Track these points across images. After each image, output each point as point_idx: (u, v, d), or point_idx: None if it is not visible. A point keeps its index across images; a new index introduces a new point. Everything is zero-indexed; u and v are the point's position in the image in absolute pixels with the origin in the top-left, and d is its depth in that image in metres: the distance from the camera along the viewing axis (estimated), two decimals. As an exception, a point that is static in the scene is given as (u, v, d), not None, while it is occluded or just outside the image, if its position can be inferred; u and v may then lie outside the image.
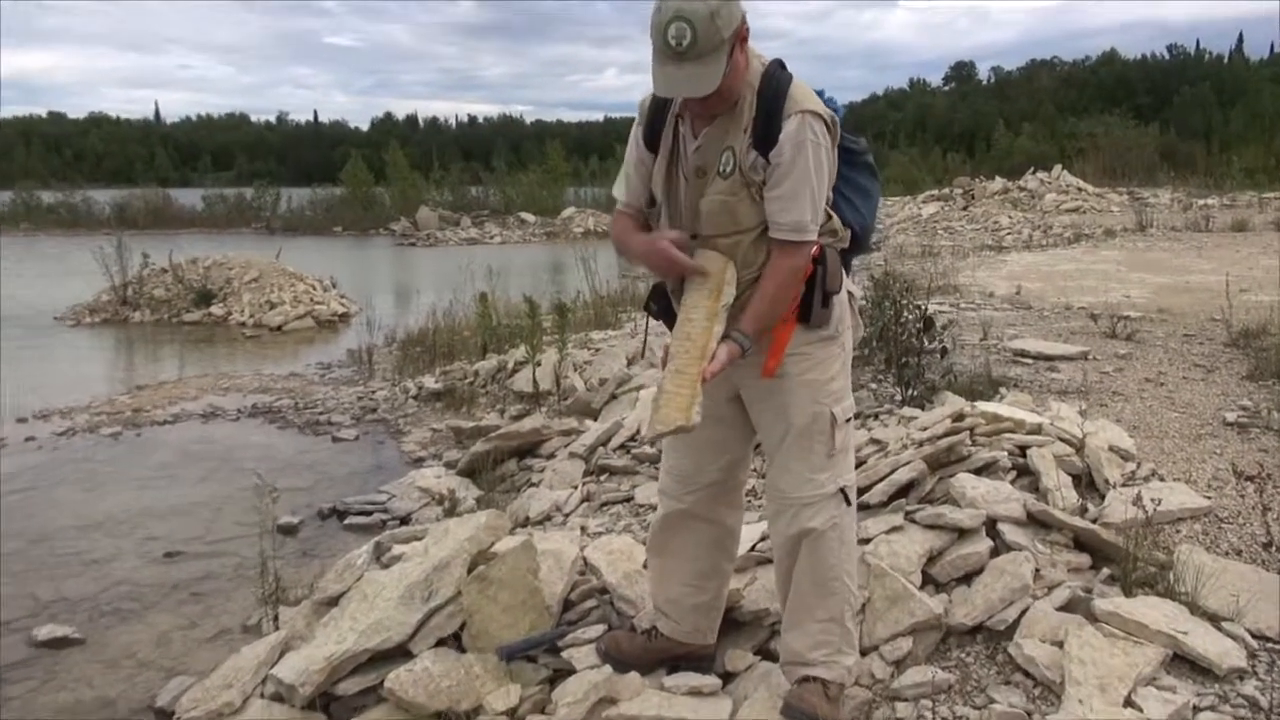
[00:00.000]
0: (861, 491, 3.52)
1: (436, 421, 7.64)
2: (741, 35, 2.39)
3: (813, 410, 2.61)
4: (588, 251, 11.98)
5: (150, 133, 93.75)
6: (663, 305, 2.71)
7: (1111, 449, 4.14)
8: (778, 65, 2.48)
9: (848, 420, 2.69)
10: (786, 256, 2.47)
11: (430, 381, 8.60)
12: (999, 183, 25.90)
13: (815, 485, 2.62)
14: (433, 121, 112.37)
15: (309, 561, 5.06)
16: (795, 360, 2.60)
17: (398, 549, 3.88)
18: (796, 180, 2.40)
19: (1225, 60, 72.45)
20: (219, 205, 36.30)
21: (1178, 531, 3.61)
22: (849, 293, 2.73)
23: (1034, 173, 26.49)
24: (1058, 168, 26.72)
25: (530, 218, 34.48)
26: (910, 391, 5.30)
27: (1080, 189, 24.43)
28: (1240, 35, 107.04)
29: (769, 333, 2.55)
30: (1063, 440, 4.08)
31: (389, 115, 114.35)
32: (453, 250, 26.75)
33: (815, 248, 2.52)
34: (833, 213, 2.57)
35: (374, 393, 8.79)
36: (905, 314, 5.54)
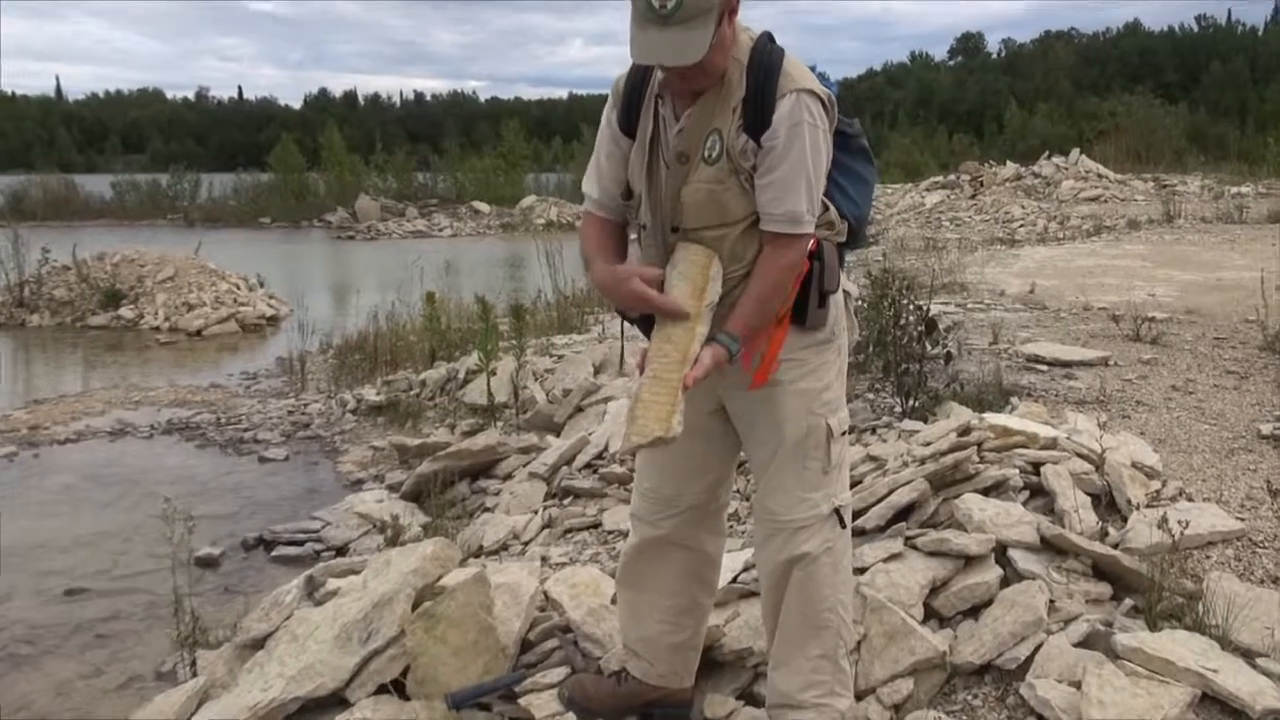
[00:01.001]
0: (857, 515, 3.54)
1: (378, 438, 7.61)
2: (732, 4, 2.40)
3: (807, 422, 2.63)
4: (550, 246, 11.98)
5: (50, 111, 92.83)
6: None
7: (1135, 466, 4.18)
8: (768, 38, 2.50)
9: (844, 433, 2.71)
10: (780, 251, 2.48)
11: (371, 393, 8.57)
12: (1010, 168, 26.18)
13: (809, 505, 2.64)
14: (374, 99, 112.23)
15: (231, 599, 5.02)
16: (788, 367, 2.61)
17: (333, 583, 3.86)
18: (792, 166, 2.41)
19: (1260, 33, 73.65)
20: (130, 194, 35.98)
21: (1208, 557, 3.65)
22: (844, 291, 2.75)
23: (1049, 157, 26.80)
24: (1076, 152, 27.04)
25: (485, 208, 34.43)
26: (911, 402, 5.33)
27: (1100, 175, 24.73)
28: (1276, 5, 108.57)
29: (760, 336, 2.57)
30: (1080, 456, 4.12)
31: (324, 92, 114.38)
32: (397, 244, 26.64)
33: (811, 241, 2.54)
34: (829, 203, 2.59)
35: (306, 406, 8.75)
36: (906, 315, 5.58)
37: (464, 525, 5.36)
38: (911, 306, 5.62)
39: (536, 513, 5.18)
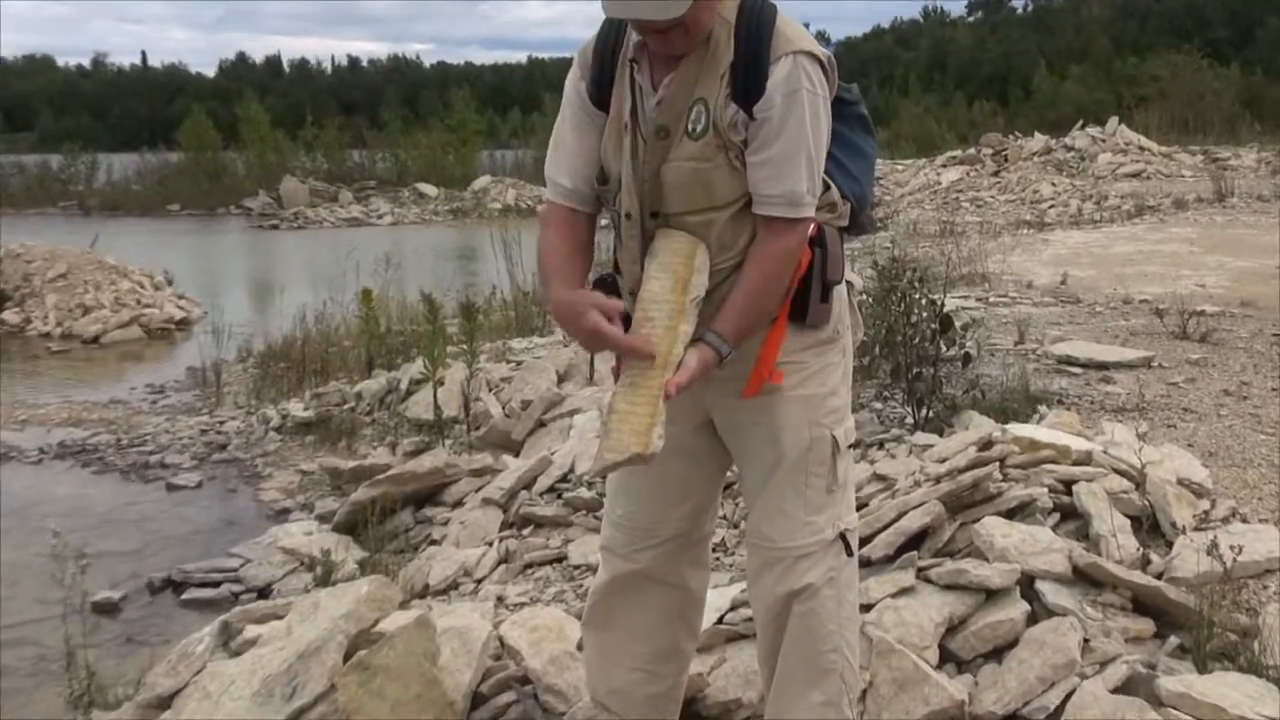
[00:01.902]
0: (862, 543, 3.54)
1: (306, 461, 7.58)
2: None
3: (809, 434, 2.64)
4: (508, 234, 11.97)
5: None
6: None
7: (1181, 483, 4.21)
8: None
9: (850, 446, 2.73)
10: (777, 238, 2.48)
11: (298, 408, 8.55)
12: (1039, 141, 26.37)
13: (812, 529, 2.65)
14: (302, 65, 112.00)
15: (134, 650, 4.98)
16: (787, 370, 2.62)
17: (252, 630, 3.84)
18: (789, 140, 2.42)
19: (1323, -17, 74.42)
20: (14, 178, 35.77)
21: (1265, 588, 3.68)
22: (849, 283, 2.77)
23: (1083, 127, 26.98)
24: (1114, 121, 27.24)
25: (431, 190, 34.41)
26: (924, 412, 5.36)
27: (1142, 148, 24.94)
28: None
29: (754, 336, 2.58)
30: (1119, 473, 4.15)
31: (243, 57, 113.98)
32: (329, 234, 26.56)
33: (812, 226, 2.55)
34: (829, 181, 2.60)
35: (223, 424, 8.71)
36: (918, 311, 5.61)
37: (406, 561, 5.34)
38: (925, 301, 5.65)
39: (491, 545, 5.17)
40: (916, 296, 5.69)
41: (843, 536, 2.69)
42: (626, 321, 2.52)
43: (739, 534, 4.60)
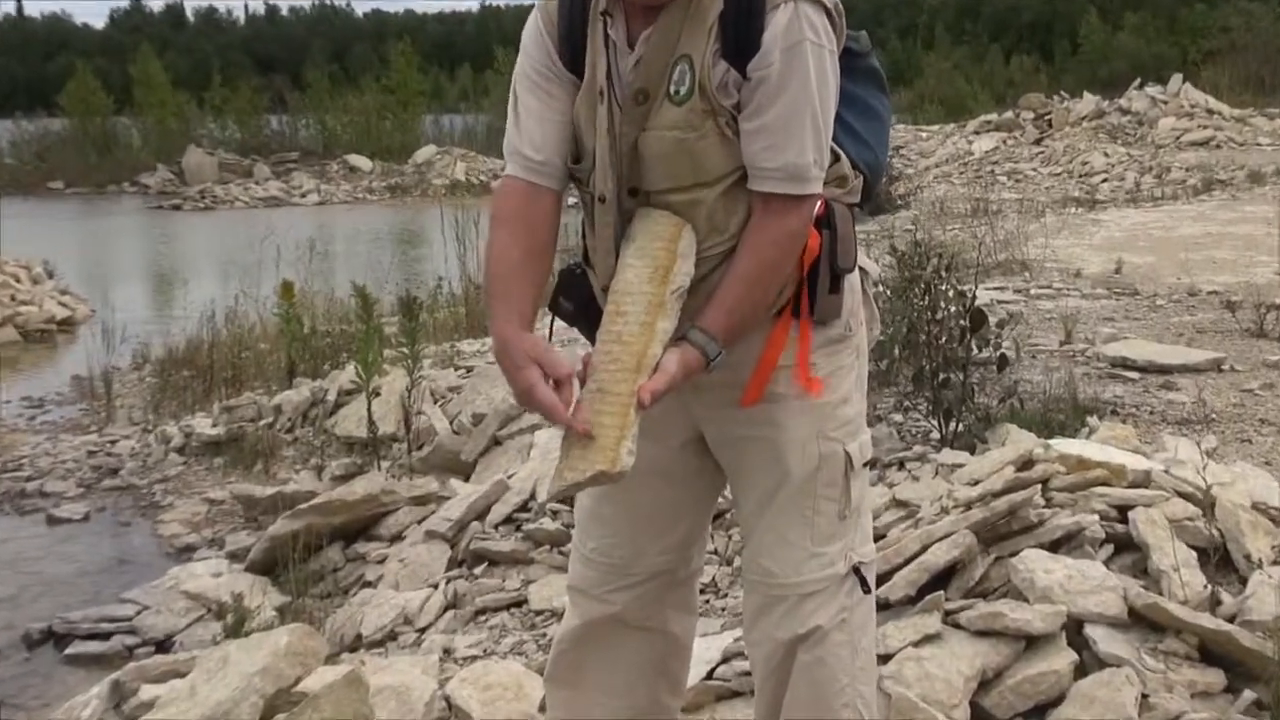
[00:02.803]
0: (879, 580, 3.54)
1: (215, 487, 7.56)
2: None
3: (818, 449, 2.63)
4: (458, 215, 11.96)
5: None
6: (580, 302, 2.70)
7: (1256, 508, 4.22)
8: None
9: (865, 464, 2.73)
10: (777, 219, 2.48)
11: (205, 424, 8.52)
12: (1089, 102, 26.50)
13: (821, 563, 2.65)
14: (209, 15, 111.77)
15: (10, 715, 4.96)
16: (791, 375, 2.62)
17: (149, 691, 3.82)
18: (791, 103, 2.42)
19: None
20: None
21: (1356, 631, 3.69)
22: (862, 271, 2.77)
23: (1141, 87, 27.14)
24: (1177, 79, 27.39)
25: (365, 164, 34.37)
26: (953, 425, 5.38)
27: (1211, 111, 25.09)
28: None
29: (756, 334, 2.59)
30: (1183, 496, 4.16)
31: (138, 5, 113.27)
32: (242, 216, 26.49)
33: (819, 203, 2.55)
34: (838, 149, 2.60)
35: (114, 444, 8.67)
36: (945, 305, 5.63)
37: (335, 606, 5.33)
38: (953, 293, 5.68)
39: (436, 587, 5.16)
40: (943, 288, 5.71)
41: (857, 571, 2.69)
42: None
43: (733, 572, 4.60)
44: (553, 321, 2.87)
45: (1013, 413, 5.46)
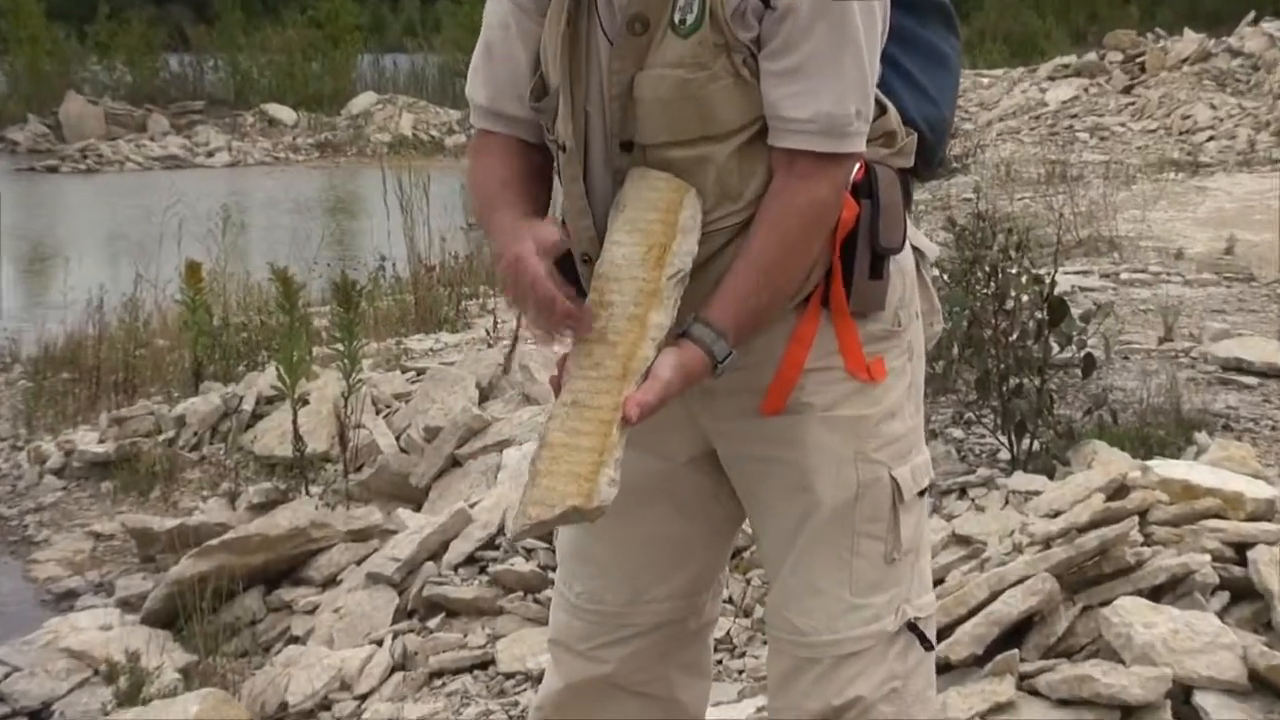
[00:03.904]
0: (939, 635, 3.54)
1: (102, 518, 7.54)
2: None
3: (858, 475, 2.61)
4: (405, 178, 11.95)
5: None
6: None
7: (1407, 546, 4.23)
8: None
9: (921, 493, 2.70)
10: (805, 184, 2.46)
11: (90, 440, 8.50)
12: (1192, 41, 26.44)
13: (863, 617, 2.63)
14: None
15: None
16: (822, 380, 2.60)
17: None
18: (826, 37, 2.41)
19: None
20: None
21: None
22: (916, 252, 2.76)
23: (1257, 21, 27.06)
24: (1302, 12, 27.35)
25: (288, 115, 34.25)
26: (1027, 443, 5.38)
27: (1344, 53, 25.06)
28: None
29: (778, 328, 2.57)
30: (1316, 531, 4.16)
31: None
32: (134, 180, 26.44)
33: (859, 166, 2.55)
34: (885, 100, 2.59)
35: (-25, 464, 8.65)
36: (1016, 294, 5.64)
37: (254, 668, 5.33)
38: (1026, 278, 5.68)
39: (381, 644, 5.15)
40: (1014, 272, 5.71)
41: (911, 627, 2.68)
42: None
43: (753, 625, 4.60)
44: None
45: (1101, 427, 5.46)
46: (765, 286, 2.49)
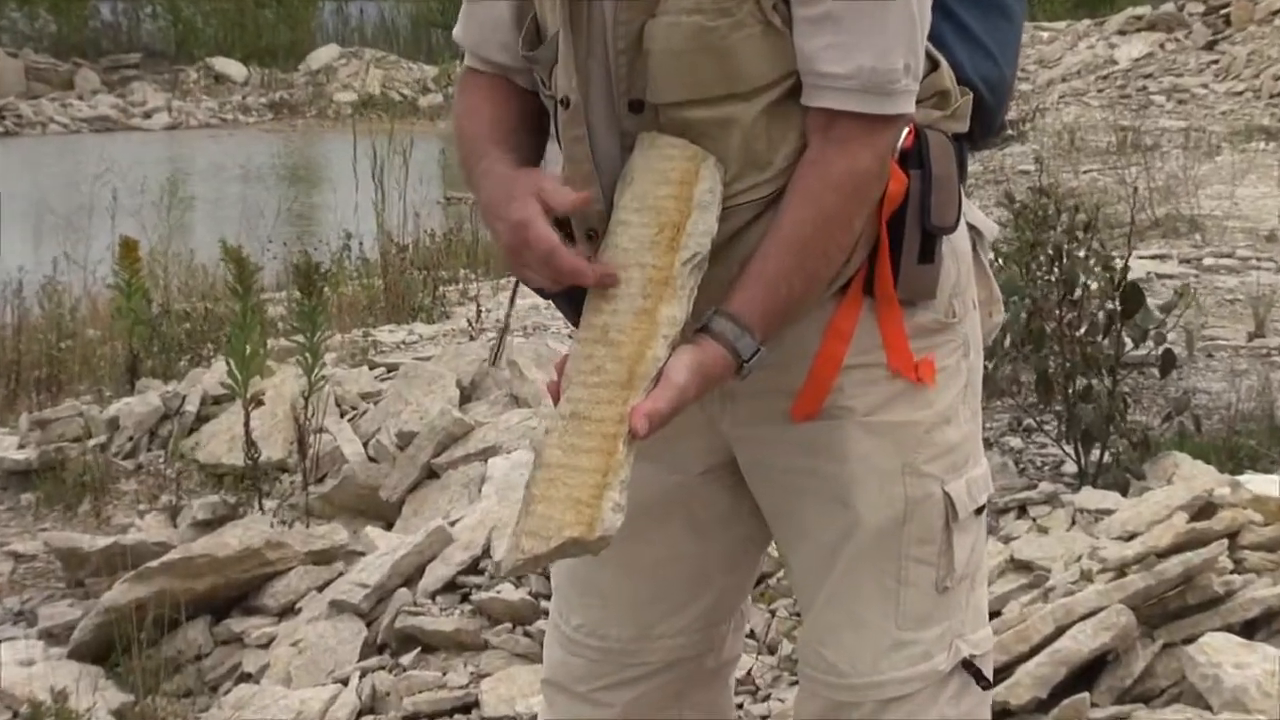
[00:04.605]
0: (996, 676, 3.54)
1: (22, 536, 7.54)
2: None
3: (905, 490, 2.61)
4: (375, 144, 11.97)
5: None
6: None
7: None
8: None
9: (978, 511, 2.70)
10: (845, 150, 2.45)
11: (9, 446, 8.50)
12: (1285, -11, 26.46)
13: (911, 655, 2.64)
14: None
15: None
16: (862, 380, 2.60)
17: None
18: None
19: None
20: None
21: None
22: (973, 230, 2.76)
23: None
24: None
25: (237, 70, 34.32)
26: (1097, 454, 5.39)
27: None
28: None
29: (811, 320, 2.56)
30: None
31: None
32: (60, 144, 26.48)
33: (908, 132, 2.55)
34: (937, 55, 2.60)
35: (-126, 473, 8.64)
36: (1084, 280, 5.64)
37: (199, 709, 5.34)
38: (1095, 263, 5.69)
39: (346, 683, 5.15)
40: (1081, 255, 5.71)
41: (966, 666, 2.68)
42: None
43: (780, 664, 4.60)
44: (515, 291, 2.85)
45: (1183, 436, 5.46)
46: (798, 271, 2.47)
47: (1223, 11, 25.98)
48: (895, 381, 2.60)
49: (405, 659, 5.24)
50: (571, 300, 2.58)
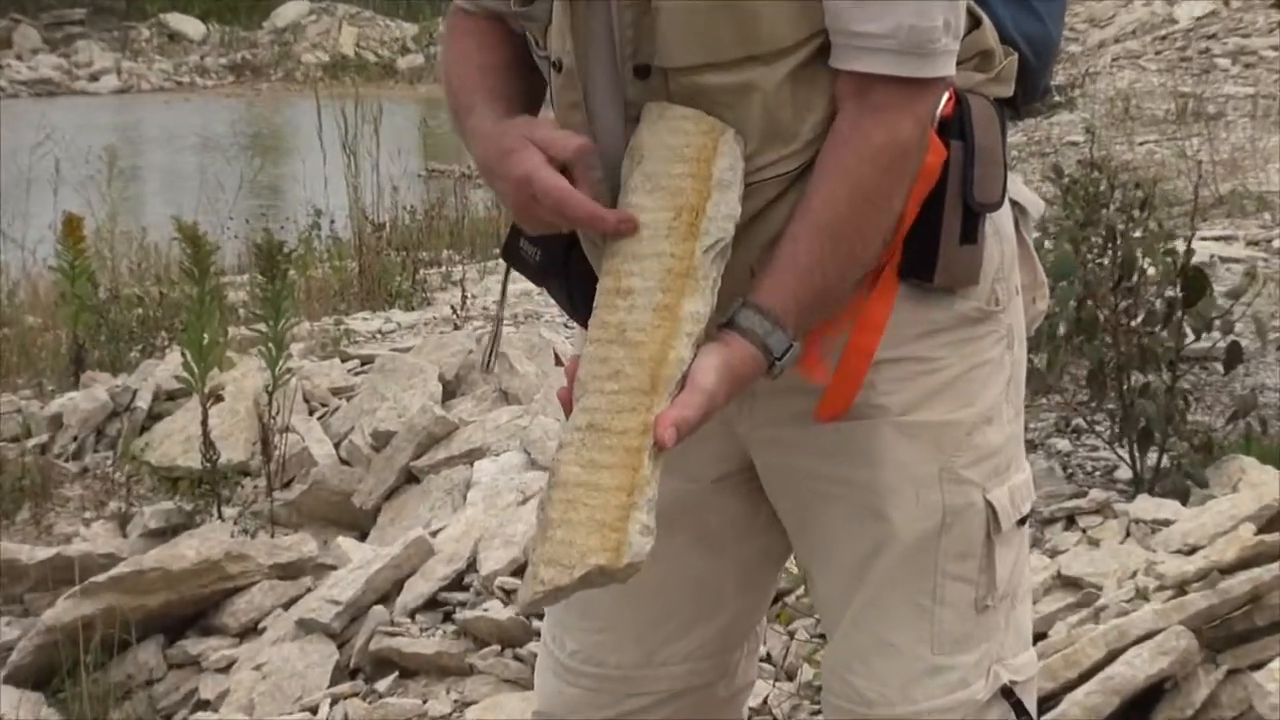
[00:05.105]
0: (1041, 706, 3.54)
1: (-46, 547, 7.53)
2: None
3: (942, 499, 2.62)
4: (344, 110, 11.98)
5: None
6: (555, 247, 2.66)
7: None
8: None
9: (1021, 521, 2.70)
10: (882, 119, 2.45)
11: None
12: (1362, -58, 26.49)
13: (947, 682, 2.64)
14: None
15: None
16: (895, 374, 2.60)
17: None
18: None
19: None
20: None
21: None
22: (1016, 208, 2.76)
23: None
24: None
25: (194, 29, 34.35)
26: (1154, 458, 5.39)
27: None
28: None
29: (834, 312, 2.55)
30: None
31: None
32: (-3, 110, 26.45)
33: (947, 97, 2.55)
34: (979, 10, 2.60)
35: None
36: (1140, 264, 5.64)
37: (151, 742, 5.33)
38: (1154, 244, 5.68)
39: (316, 711, 5.17)
40: (1138, 236, 5.72)
41: (1006, 694, 2.69)
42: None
43: (799, 691, 4.61)
44: (506, 277, 2.85)
45: (1249, 438, 5.45)
46: (833, 256, 2.46)
47: (1292, -31, 26.04)
48: (932, 376, 2.61)
49: (381, 685, 5.26)
50: (566, 287, 2.59)
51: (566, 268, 2.62)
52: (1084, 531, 5.00)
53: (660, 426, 2.32)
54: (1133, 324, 5.54)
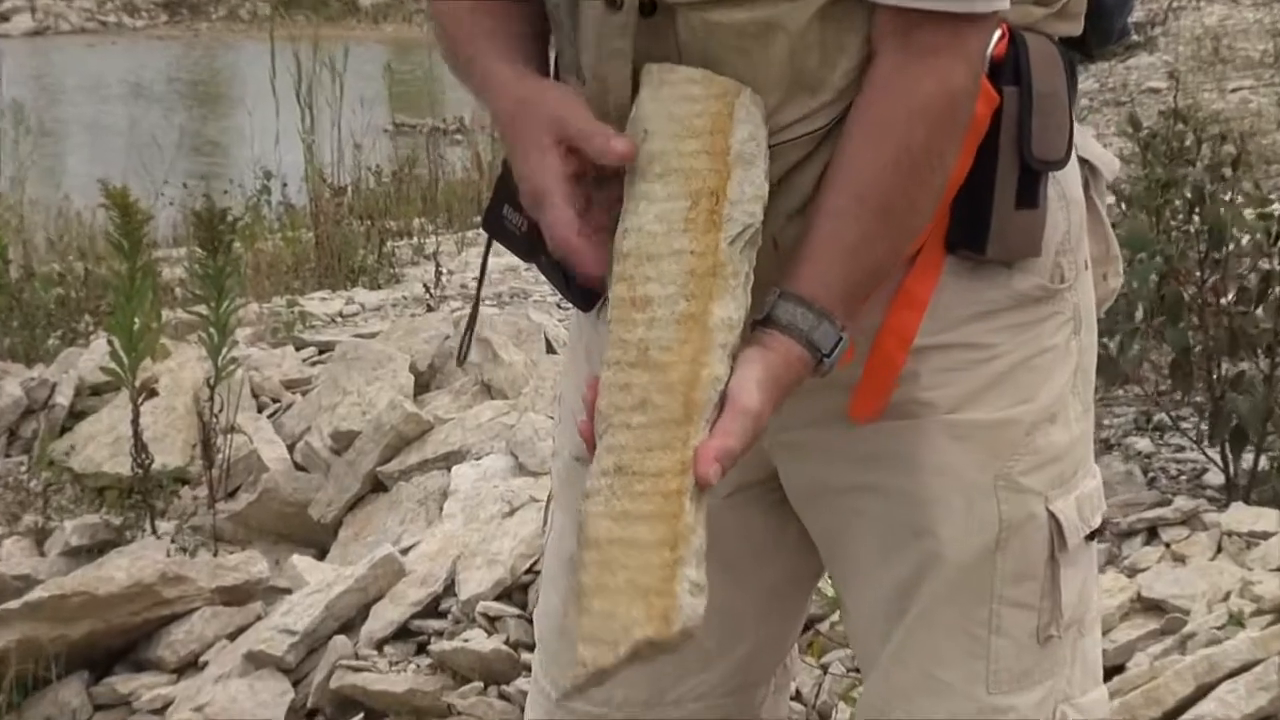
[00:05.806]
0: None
1: None
2: None
3: (998, 510, 2.60)
4: (297, 55, 12.00)
5: None
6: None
7: None
8: None
9: (1090, 536, 2.70)
10: (931, 63, 2.43)
11: None
12: None
13: (1001, 720, 2.65)
14: None
15: None
16: (946, 364, 2.60)
17: None
18: None
19: None
20: None
21: None
22: (1086, 166, 2.75)
23: None
24: None
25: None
26: (1250, 460, 5.39)
27: None
28: None
29: (878, 293, 2.51)
30: None
31: None
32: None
33: (1000, 35, 2.53)
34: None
35: None
36: (1232, 231, 5.63)
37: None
38: (1247, 211, 5.68)
39: (266, 760, 5.16)
40: (1229, 198, 5.71)
41: (1071, 736, 2.71)
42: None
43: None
44: (487, 250, 2.84)
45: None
46: (883, 229, 2.44)
47: None
48: (987, 366, 2.59)
49: (343, 728, 5.26)
50: (559, 263, 2.55)
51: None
52: (1168, 546, 4.99)
53: (701, 463, 2.26)
54: (1223, 303, 5.53)
